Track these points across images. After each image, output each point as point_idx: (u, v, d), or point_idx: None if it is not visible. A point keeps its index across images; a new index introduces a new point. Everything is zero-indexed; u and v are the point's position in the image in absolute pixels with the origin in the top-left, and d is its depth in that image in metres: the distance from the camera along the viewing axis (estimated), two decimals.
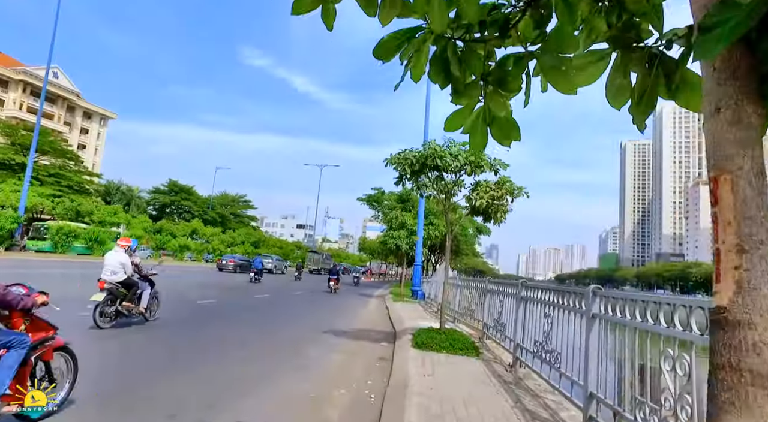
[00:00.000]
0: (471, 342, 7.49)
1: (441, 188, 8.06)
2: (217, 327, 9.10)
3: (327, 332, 9.43)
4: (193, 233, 56.56)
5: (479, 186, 7.78)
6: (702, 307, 2.77)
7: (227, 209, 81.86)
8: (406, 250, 22.70)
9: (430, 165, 7.43)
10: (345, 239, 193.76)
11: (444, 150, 7.42)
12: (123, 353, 6.36)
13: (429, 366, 6.10)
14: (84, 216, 42.53)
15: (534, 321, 5.74)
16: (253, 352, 7.03)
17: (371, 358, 7.12)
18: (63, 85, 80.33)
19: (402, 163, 7.57)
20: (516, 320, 6.33)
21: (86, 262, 26.67)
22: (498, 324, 7.47)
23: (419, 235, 19.79)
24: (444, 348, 7.03)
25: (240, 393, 4.76)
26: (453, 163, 7.29)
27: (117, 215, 45.34)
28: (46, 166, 49.08)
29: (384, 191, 31.89)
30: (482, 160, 7.44)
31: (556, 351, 4.97)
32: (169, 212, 71.33)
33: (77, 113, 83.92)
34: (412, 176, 7.88)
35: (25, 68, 76.35)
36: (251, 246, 55.77)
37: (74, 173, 51.79)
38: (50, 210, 41.21)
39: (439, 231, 23.49)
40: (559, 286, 5.29)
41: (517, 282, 6.57)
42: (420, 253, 20.31)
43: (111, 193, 69.36)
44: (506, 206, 7.84)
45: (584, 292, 4.35)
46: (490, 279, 8.63)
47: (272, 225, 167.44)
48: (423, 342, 7.20)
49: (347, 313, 14.25)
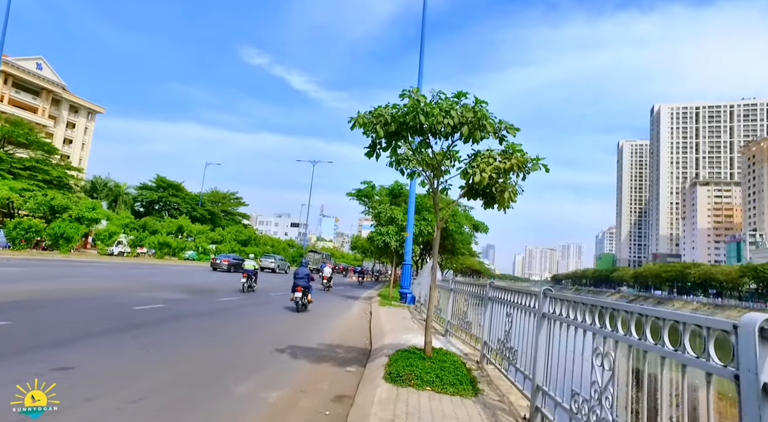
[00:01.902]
0: (466, 372, 5.38)
1: (427, 160, 5.96)
2: (126, 344, 6.90)
3: (283, 350, 7.30)
4: (180, 230, 54.27)
5: (480, 156, 5.66)
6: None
7: (218, 206, 79.68)
8: (395, 248, 20.46)
9: (412, 125, 5.32)
10: (340, 238, 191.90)
11: (432, 104, 5.32)
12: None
13: (403, 416, 4.00)
14: (59, 212, 40.19)
15: (568, 356, 3.70)
16: (151, 384, 4.88)
17: (323, 399, 4.98)
18: (47, 77, 77.75)
19: (373, 122, 5.46)
20: (536, 348, 4.25)
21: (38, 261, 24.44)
22: (505, 348, 5.39)
23: (409, 231, 17.58)
24: (428, 382, 4.92)
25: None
26: (444, 121, 5.17)
27: (96, 210, 42.91)
28: (21, 159, 46.62)
29: (374, 185, 29.66)
30: (484, 118, 5.32)
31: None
32: (157, 209, 69.12)
33: (63, 106, 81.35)
34: (389, 143, 5.77)
35: (6, 59, 73.68)
36: (238, 245, 53.34)
37: (52, 167, 49.30)
38: (21, 204, 38.75)
39: (432, 226, 21.21)
40: (615, 302, 3.25)
41: (537, 292, 4.51)
42: (410, 251, 17.99)
43: (98, 189, 67.11)
44: (515, 184, 5.74)
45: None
46: (493, 284, 6.50)
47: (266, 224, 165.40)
48: (399, 374, 5.08)
49: (322, 321, 12.11)
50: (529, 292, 4.85)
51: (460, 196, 6.09)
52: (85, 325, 7.75)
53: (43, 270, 18.67)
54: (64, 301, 10.15)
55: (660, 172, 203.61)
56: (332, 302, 18.28)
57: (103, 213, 43.66)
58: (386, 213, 20.52)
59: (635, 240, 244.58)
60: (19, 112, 69.92)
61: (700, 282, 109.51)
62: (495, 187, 5.64)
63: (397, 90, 5.47)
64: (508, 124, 5.65)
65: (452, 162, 6.24)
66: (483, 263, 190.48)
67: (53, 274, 17.46)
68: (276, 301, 16.49)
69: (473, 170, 5.47)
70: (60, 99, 79.78)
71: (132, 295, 12.43)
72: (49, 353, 5.59)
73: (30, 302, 9.43)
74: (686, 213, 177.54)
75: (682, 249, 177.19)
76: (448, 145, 5.88)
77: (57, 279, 15.29)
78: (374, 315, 12.76)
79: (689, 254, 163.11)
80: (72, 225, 33.15)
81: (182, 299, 13.19)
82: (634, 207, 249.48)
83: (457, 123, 5.24)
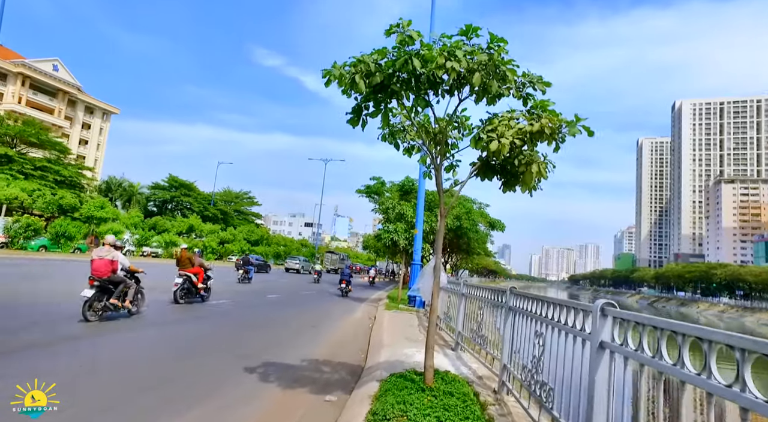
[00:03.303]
0: (479, 414, 3.87)
1: (427, 127, 4.55)
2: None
3: (254, 369, 5.95)
4: (191, 230, 53.70)
5: (497, 118, 4.21)
6: None
7: (230, 206, 79.26)
8: (404, 246, 19.03)
9: (405, 77, 3.93)
10: (354, 238, 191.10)
11: (431, 45, 3.90)
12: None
13: None
14: (68, 211, 39.79)
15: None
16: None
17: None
18: (63, 79, 78.50)
19: (353, 72, 4.06)
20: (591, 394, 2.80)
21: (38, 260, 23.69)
22: (533, 380, 3.91)
23: (418, 228, 16.10)
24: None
25: None
26: (447, 65, 3.72)
27: (104, 209, 42.47)
28: (33, 159, 46.48)
29: (384, 182, 28.17)
30: (503, 63, 3.86)
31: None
32: (170, 208, 68.96)
33: (78, 107, 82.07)
34: (377, 105, 4.36)
35: (24, 61, 74.50)
36: (247, 244, 52.44)
37: (63, 167, 49.10)
38: (30, 204, 38.38)
39: (445, 223, 19.57)
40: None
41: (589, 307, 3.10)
42: (419, 249, 16.43)
43: (112, 189, 67.41)
44: (546, 157, 4.29)
45: None
46: (514, 290, 5.01)
47: (280, 224, 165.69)
48: (387, 417, 3.66)
49: (318, 327, 10.76)
50: (571, 305, 3.46)
51: (471, 173, 4.62)
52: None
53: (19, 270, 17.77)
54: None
55: (682, 170, 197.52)
56: (336, 305, 16.94)
57: (112, 212, 43.21)
58: (395, 210, 19.01)
59: (656, 240, 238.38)
60: (36, 114, 70.52)
61: (726, 284, 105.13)
62: (518, 160, 4.18)
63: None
64: (536, 76, 4.17)
65: (461, 132, 4.79)
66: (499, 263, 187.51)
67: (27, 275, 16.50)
68: (274, 304, 15.22)
69: (489, 137, 4.02)
70: (75, 100, 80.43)
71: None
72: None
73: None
74: (710, 212, 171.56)
75: (706, 249, 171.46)
76: (454, 110, 4.42)
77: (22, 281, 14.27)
78: (377, 321, 11.36)
79: (713, 254, 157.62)
80: (74, 224, 32.44)
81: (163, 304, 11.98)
82: (655, 206, 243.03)
83: (465, 69, 3.79)
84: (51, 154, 50.33)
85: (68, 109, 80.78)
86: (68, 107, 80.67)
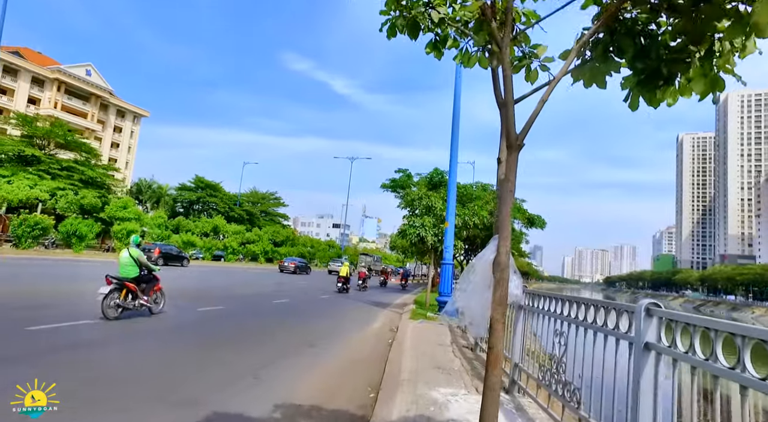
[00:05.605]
0: None
1: None
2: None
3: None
4: (215, 230, 52.89)
5: None
6: None
7: (257, 207, 78.52)
8: (432, 243, 16.08)
9: None
10: (383, 239, 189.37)
11: None
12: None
13: None
14: (90, 212, 39.32)
15: None
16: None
17: None
18: (96, 83, 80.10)
19: None
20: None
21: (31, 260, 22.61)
22: None
23: (450, 222, 13.56)
24: None
25: None
26: None
27: (127, 210, 41.89)
28: (59, 160, 46.56)
29: (411, 174, 25.73)
30: None
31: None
32: (196, 209, 68.78)
33: (110, 111, 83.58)
34: None
35: (59, 67, 76.25)
36: (270, 245, 51.04)
37: (89, 167, 49.04)
38: (52, 204, 38.04)
39: (478, 218, 16.89)
40: None
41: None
42: (451, 246, 13.72)
43: (143, 191, 68.05)
44: None
45: None
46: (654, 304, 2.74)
47: (308, 225, 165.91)
48: None
49: (314, 348, 8.41)
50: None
51: (593, 32, 2.24)
52: None
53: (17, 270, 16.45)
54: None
55: (728, 166, 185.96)
56: (352, 311, 14.74)
57: (134, 212, 42.58)
58: (422, 201, 16.35)
59: (698, 241, 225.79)
60: (71, 118, 71.86)
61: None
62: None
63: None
64: None
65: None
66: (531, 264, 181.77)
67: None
68: (280, 311, 13.14)
69: None
70: (108, 104, 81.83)
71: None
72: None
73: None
74: (761, 210, 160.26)
75: (757, 249, 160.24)
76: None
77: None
78: (398, 337, 9.03)
79: (765, 255, 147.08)
80: (86, 223, 31.51)
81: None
82: (697, 204, 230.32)
83: None
84: (80, 155, 50.53)
85: (100, 113, 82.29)
86: (100, 111, 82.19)
